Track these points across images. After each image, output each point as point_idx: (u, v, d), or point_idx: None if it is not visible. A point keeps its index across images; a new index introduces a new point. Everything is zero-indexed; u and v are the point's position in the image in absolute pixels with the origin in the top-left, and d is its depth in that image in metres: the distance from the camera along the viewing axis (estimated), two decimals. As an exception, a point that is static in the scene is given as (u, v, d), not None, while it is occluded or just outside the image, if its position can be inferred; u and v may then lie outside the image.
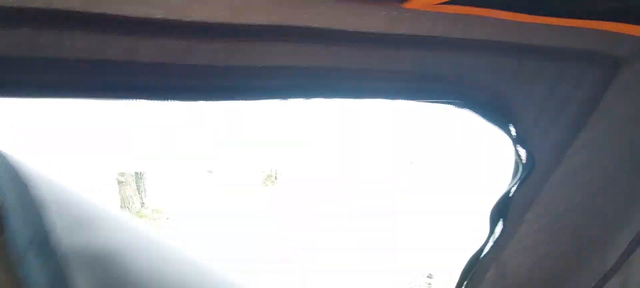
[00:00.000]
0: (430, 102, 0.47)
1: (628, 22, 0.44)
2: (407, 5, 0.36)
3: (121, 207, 8.17)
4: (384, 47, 0.39)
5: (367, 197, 8.26)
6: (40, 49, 0.32)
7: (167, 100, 0.38)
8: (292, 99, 0.41)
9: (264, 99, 0.41)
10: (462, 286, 0.81)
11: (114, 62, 0.34)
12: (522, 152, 0.55)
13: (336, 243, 6.05)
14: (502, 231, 0.70)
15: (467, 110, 0.48)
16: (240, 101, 0.40)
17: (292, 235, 6.43)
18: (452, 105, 0.48)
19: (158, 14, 0.33)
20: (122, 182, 7.97)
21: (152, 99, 0.37)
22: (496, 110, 0.49)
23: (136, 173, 8.37)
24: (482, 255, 0.75)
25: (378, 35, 0.38)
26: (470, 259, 0.76)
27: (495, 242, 0.73)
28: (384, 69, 0.41)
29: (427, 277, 4.73)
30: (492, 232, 0.70)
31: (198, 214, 8.09)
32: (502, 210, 0.65)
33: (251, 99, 0.40)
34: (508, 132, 0.51)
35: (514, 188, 0.61)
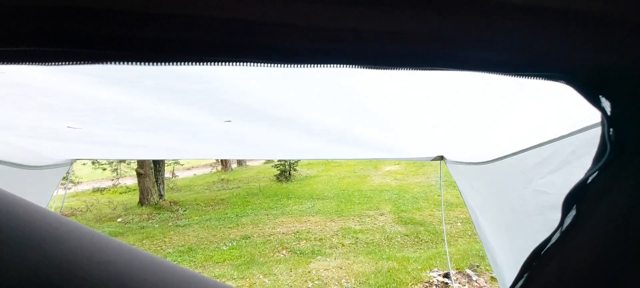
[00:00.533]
0: (528, 76, 0.44)
1: None
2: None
3: (140, 198, 8.36)
4: (495, 15, 0.37)
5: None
6: (195, 8, 0.32)
7: (308, 64, 0.37)
8: (408, 68, 0.40)
9: (384, 67, 0.40)
10: (521, 279, 0.77)
11: (264, 24, 0.34)
12: (613, 132, 0.51)
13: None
14: (572, 222, 0.66)
15: (563, 83, 0.46)
16: (365, 67, 0.39)
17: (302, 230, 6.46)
18: (547, 80, 0.45)
19: None
20: (142, 174, 8.14)
21: (298, 62, 0.37)
22: (593, 86, 0.46)
23: (155, 165, 8.54)
24: (547, 247, 0.72)
25: (491, 3, 0.36)
26: (533, 251, 0.73)
27: (563, 234, 0.69)
28: (492, 38, 0.39)
29: (443, 276, 4.69)
30: (562, 222, 0.67)
31: (213, 207, 8.22)
32: (577, 198, 0.62)
33: (374, 67, 0.39)
34: (602, 109, 0.48)
35: (594, 175, 0.57)
